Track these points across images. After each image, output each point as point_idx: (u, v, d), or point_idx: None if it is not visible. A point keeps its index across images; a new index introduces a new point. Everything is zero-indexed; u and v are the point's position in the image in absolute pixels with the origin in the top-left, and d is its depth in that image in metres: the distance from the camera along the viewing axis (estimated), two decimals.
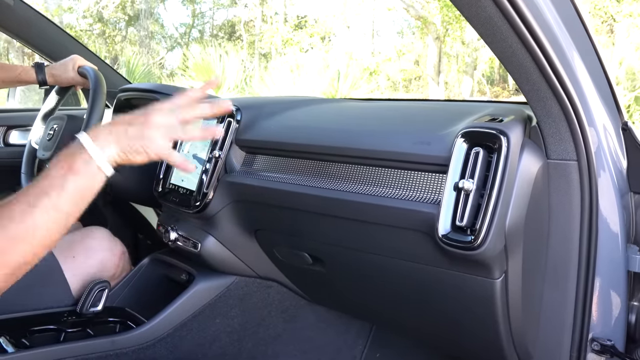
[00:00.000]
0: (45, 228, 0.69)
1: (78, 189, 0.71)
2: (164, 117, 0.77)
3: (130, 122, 0.77)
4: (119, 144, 0.75)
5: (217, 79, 1.15)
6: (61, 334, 1.16)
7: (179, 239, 1.25)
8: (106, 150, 0.74)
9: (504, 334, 0.88)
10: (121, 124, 0.77)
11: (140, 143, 0.75)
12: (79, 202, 0.72)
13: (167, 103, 0.80)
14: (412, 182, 0.86)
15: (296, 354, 1.39)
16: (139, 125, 0.76)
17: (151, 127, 0.76)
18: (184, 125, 0.78)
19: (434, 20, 11.42)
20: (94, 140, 0.73)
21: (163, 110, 0.78)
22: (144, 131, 0.76)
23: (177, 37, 16.01)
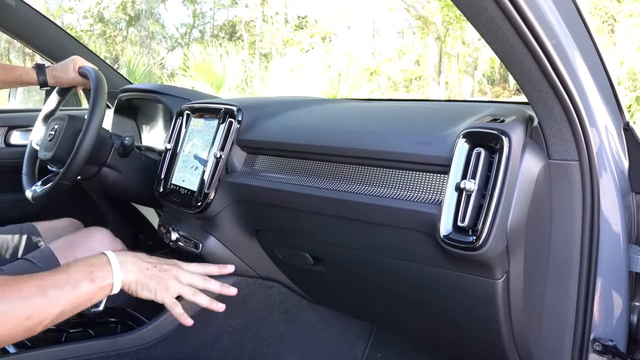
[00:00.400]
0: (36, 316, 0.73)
1: (85, 294, 0.79)
2: (184, 276, 0.92)
3: (156, 264, 0.91)
4: (138, 276, 0.86)
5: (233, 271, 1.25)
6: (62, 335, 1.16)
7: (180, 239, 1.25)
8: (125, 275, 0.84)
9: (506, 334, 0.88)
10: (148, 261, 0.90)
11: (155, 286, 0.88)
12: (77, 307, 0.79)
13: (189, 266, 0.96)
14: (414, 182, 0.86)
15: (297, 354, 1.39)
16: (162, 271, 0.90)
17: (170, 278, 0.90)
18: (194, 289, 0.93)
19: (435, 20, 11.42)
20: (120, 263, 0.84)
21: (184, 271, 0.93)
22: (162, 278, 0.89)
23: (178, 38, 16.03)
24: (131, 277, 0.86)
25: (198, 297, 0.94)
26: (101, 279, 0.81)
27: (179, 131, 1.27)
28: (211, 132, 1.17)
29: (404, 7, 11.37)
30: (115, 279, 0.83)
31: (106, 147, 1.33)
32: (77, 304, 0.78)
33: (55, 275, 0.77)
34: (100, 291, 0.82)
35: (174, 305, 0.91)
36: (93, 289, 0.80)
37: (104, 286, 0.82)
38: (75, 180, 1.25)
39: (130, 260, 0.87)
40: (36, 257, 1.18)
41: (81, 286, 0.78)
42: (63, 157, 1.26)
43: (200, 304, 0.94)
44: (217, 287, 0.97)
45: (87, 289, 0.79)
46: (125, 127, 1.81)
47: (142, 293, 0.87)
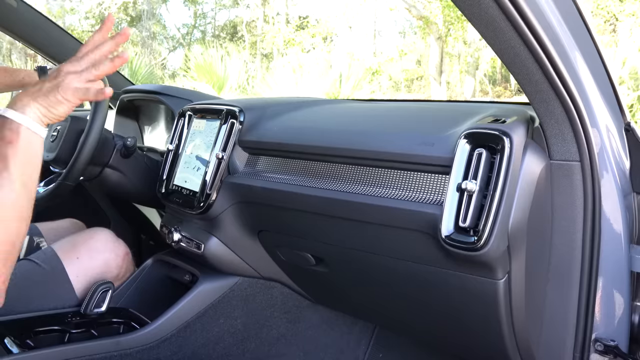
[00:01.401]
0: (9, 203, 0.72)
1: (19, 156, 0.75)
2: (72, 65, 0.82)
3: (44, 79, 0.82)
4: (37, 101, 0.79)
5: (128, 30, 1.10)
6: (65, 335, 1.16)
7: (183, 239, 1.25)
8: (27, 112, 0.78)
9: (507, 334, 0.88)
10: (35, 85, 0.82)
11: (57, 94, 0.80)
12: (27, 169, 0.76)
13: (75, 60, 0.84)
14: (415, 183, 0.86)
15: (299, 354, 1.39)
16: (52, 79, 0.81)
17: (64, 76, 0.81)
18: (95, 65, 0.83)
19: (436, 20, 11.41)
20: (13, 107, 0.78)
21: (71, 60, 0.83)
22: (58, 82, 0.80)
23: (179, 38, 16.04)
24: (34, 109, 0.79)
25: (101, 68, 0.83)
26: (13, 133, 0.76)
27: (181, 132, 1.28)
28: (213, 133, 1.17)
29: (405, 7, 11.37)
30: (23, 121, 0.77)
31: (108, 148, 1.33)
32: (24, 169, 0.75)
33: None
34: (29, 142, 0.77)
35: (86, 92, 0.82)
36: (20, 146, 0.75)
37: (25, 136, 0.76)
38: (77, 181, 1.26)
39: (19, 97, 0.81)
40: (39, 257, 1.19)
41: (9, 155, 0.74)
42: (65, 158, 1.26)
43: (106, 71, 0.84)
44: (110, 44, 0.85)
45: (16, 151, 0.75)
46: (128, 128, 1.82)
47: (57, 111, 0.80)
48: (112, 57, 0.85)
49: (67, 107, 0.81)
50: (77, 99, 0.81)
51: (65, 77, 0.81)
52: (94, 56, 0.84)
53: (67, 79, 0.81)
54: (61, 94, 0.80)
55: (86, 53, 0.84)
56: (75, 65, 0.83)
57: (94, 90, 0.83)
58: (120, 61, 0.85)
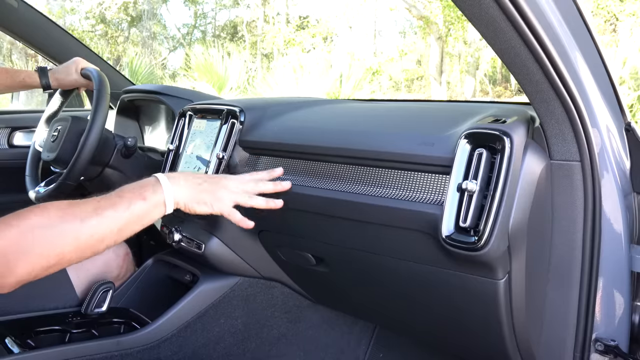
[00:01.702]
0: (97, 236, 0.75)
1: (139, 213, 0.79)
2: (235, 184, 0.91)
3: (206, 179, 0.90)
4: (190, 191, 0.86)
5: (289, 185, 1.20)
6: (66, 335, 1.17)
7: (183, 239, 1.25)
8: (176, 190, 0.84)
9: (508, 334, 0.88)
10: (198, 177, 0.89)
11: (209, 197, 0.87)
12: (133, 225, 0.80)
13: (239, 176, 0.95)
14: (416, 183, 0.86)
15: (300, 354, 1.40)
16: (213, 183, 0.89)
17: (224, 188, 0.89)
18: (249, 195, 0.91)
19: (436, 20, 11.41)
20: (169, 179, 0.84)
21: (235, 179, 0.92)
22: (216, 189, 0.88)
23: (180, 38, 16.04)
24: (183, 193, 0.85)
25: (254, 200, 0.92)
26: (152, 196, 0.81)
27: (182, 132, 1.28)
28: (214, 133, 1.17)
29: (406, 7, 11.37)
30: (167, 195, 0.83)
31: (109, 147, 1.33)
32: (132, 222, 0.79)
33: (109, 198, 0.79)
34: (155, 209, 0.82)
35: (232, 212, 0.90)
36: (146, 206, 0.80)
37: (156, 203, 0.82)
38: (78, 180, 1.26)
39: (180, 177, 0.87)
40: None
41: (134, 206, 0.79)
42: (66, 158, 1.26)
43: (257, 206, 0.92)
44: (270, 187, 0.95)
45: (141, 208, 0.80)
46: (128, 128, 1.82)
47: (198, 208, 0.86)
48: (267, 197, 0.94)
49: (206, 211, 0.87)
50: (219, 212, 0.88)
51: (223, 189, 0.89)
52: (253, 187, 0.93)
53: (223, 193, 0.88)
54: (211, 200, 0.87)
55: (248, 180, 0.93)
56: (236, 184, 0.91)
57: (239, 217, 0.91)
58: (274, 205, 0.94)
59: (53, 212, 0.72)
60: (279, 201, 0.94)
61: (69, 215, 0.73)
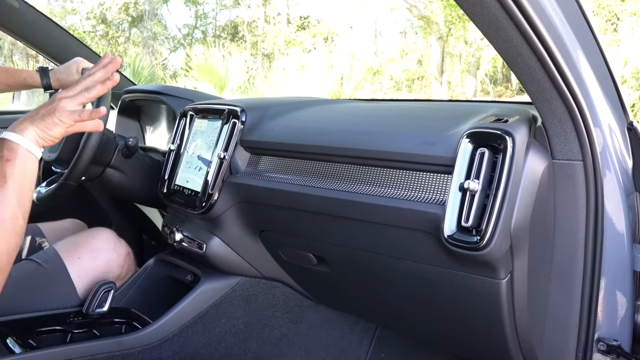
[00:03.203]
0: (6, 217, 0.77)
1: (16, 175, 0.80)
2: (66, 91, 0.90)
3: (41, 105, 0.89)
4: (34, 124, 0.85)
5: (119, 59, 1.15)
6: (68, 335, 1.17)
7: (184, 239, 1.25)
8: (25, 134, 0.84)
9: (510, 334, 0.88)
10: (33, 110, 0.89)
11: (53, 117, 0.86)
12: (22, 186, 0.81)
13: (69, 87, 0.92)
14: (418, 182, 0.86)
15: (301, 354, 1.39)
16: (48, 105, 0.88)
17: (58, 101, 0.88)
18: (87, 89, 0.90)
19: (437, 19, 11.41)
20: (12, 130, 0.84)
21: (66, 88, 0.91)
22: (53, 106, 0.87)
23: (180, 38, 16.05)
24: (32, 131, 0.85)
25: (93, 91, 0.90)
26: (11, 152, 0.82)
27: (183, 132, 1.28)
28: (215, 133, 1.17)
29: (406, 6, 11.36)
30: (21, 142, 0.83)
31: (110, 148, 1.33)
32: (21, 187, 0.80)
33: None
34: (26, 161, 0.83)
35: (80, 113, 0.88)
36: (18, 165, 0.81)
37: (22, 156, 0.82)
38: (79, 181, 1.26)
39: (18, 121, 0.87)
40: (41, 257, 1.19)
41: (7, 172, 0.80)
42: (67, 158, 1.26)
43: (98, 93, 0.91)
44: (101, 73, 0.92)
45: (14, 170, 0.80)
46: (129, 128, 1.82)
47: (53, 133, 0.86)
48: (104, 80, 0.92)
49: (62, 129, 0.87)
50: (72, 120, 0.88)
51: (59, 101, 0.88)
52: (86, 83, 0.92)
53: (62, 103, 0.88)
54: (56, 116, 0.86)
55: (80, 81, 0.92)
56: (69, 91, 0.90)
57: (87, 110, 0.89)
58: (111, 83, 0.92)
59: None
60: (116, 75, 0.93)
61: None
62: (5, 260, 0.78)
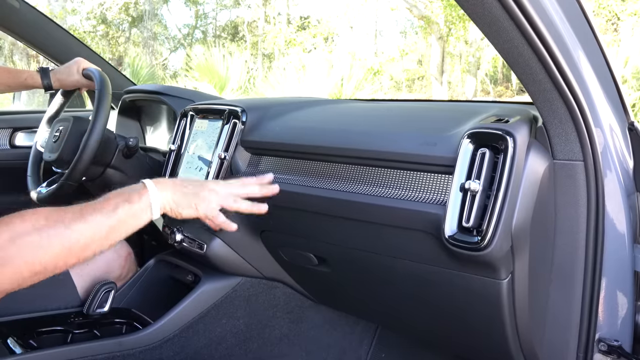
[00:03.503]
0: (83, 241, 0.74)
1: (125, 217, 0.79)
2: (220, 187, 0.91)
3: (192, 182, 0.90)
4: (175, 194, 0.85)
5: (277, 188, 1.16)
6: (68, 335, 1.17)
7: (185, 240, 1.25)
8: (162, 194, 0.84)
9: (511, 334, 0.88)
10: (183, 181, 0.89)
11: (194, 200, 0.87)
12: (119, 230, 0.79)
13: (227, 181, 0.95)
14: (418, 183, 0.86)
15: (302, 355, 1.39)
16: (198, 186, 0.89)
17: (210, 191, 0.89)
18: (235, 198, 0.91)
19: (437, 19, 11.40)
20: (156, 183, 0.84)
21: (223, 183, 0.92)
22: (200, 192, 0.88)
23: (180, 38, 16.05)
24: (168, 196, 0.85)
25: (239, 203, 0.91)
26: (138, 200, 0.81)
27: (183, 132, 1.28)
28: (215, 133, 1.17)
29: (407, 6, 11.36)
30: (153, 198, 0.82)
31: (111, 148, 1.33)
32: (119, 227, 0.78)
33: (95, 203, 0.78)
34: (141, 213, 0.81)
35: (217, 215, 0.90)
36: (133, 210, 0.80)
37: (143, 207, 0.81)
38: (80, 181, 1.26)
39: (168, 182, 0.87)
40: None
41: (120, 209, 0.78)
42: (68, 158, 1.26)
43: (242, 210, 0.92)
44: (256, 189, 0.94)
45: (127, 212, 0.79)
46: (130, 128, 1.82)
47: (184, 211, 0.86)
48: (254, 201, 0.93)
49: (191, 214, 0.88)
50: (204, 215, 0.88)
51: (208, 192, 0.88)
52: (238, 191, 0.92)
53: (209, 195, 0.88)
54: (196, 202, 0.87)
55: (234, 184, 0.93)
56: (221, 187, 0.91)
57: (222, 219, 0.90)
58: (257, 210, 0.93)
59: (37, 219, 0.71)
60: (264, 205, 0.94)
61: (54, 222, 0.72)
62: (41, 271, 0.72)
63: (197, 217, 0.88)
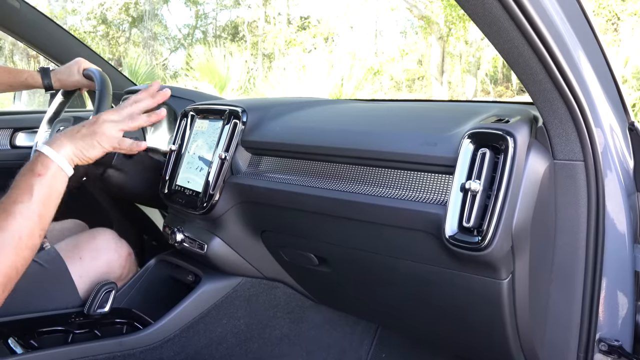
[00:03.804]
0: (25, 233, 0.76)
1: (44, 190, 0.80)
2: (111, 115, 0.90)
3: (83, 124, 0.89)
4: (73, 143, 0.85)
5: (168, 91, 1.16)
6: (69, 335, 1.17)
7: (185, 240, 1.25)
8: (62, 151, 0.84)
9: (511, 334, 0.88)
10: (74, 128, 0.88)
11: (94, 139, 0.86)
12: (47, 203, 0.80)
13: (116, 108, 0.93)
14: (419, 183, 0.86)
15: (302, 355, 1.39)
16: (91, 124, 0.88)
17: (101, 123, 0.88)
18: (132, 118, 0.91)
19: (437, 19, 11.41)
20: (49, 145, 0.84)
21: (110, 110, 0.92)
22: (95, 128, 0.87)
23: (181, 38, 16.06)
24: (68, 149, 0.85)
25: (137, 121, 0.92)
26: (45, 169, 0.81)
27: (184, 132, 1.28)
28: (216, 133, 1.17)
29: (407, 6, 11.37)
30: (56, 159, 0.82)
31: None
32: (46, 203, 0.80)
33: (9, 194, 0.79)
34: (57, 177, 0.82)
35: (122, 141, 0.90)
36: (47, 181, 0.80)
37: (53, 173, 0.82)
38: (80, 181, 1.26)
39: (57, 136, 0.87)
40: (42, 258, 1.19)
41: (35, 187, 0.79)
42: None
43: (144, 124, 0.93)
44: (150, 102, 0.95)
45: (43, 186, 0.80)
46: None
47: (89, 154, 0.87)
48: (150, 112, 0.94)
49: (99, 152, 0.88)
50: (110, 147, 0.89)
51: (102, 124, 0.88)
52: (132, 109, 0.92)
53: (104, 126, 0.88)
54: (97, 139, 0.87)
55: (125, 106, 0.92)
56: (113, 115, 0.90)
57: (129, 142, 0.91)
58: (156, 117, 0.93)
59: None
60: (162, 110, 0.95)
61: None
62: (13, 275, 0.76)
63: (105, 152, 0.88)
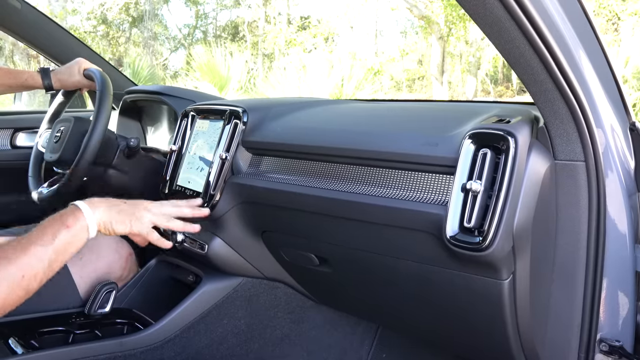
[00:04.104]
0: (29, 273, 0.78)
1: (65, 242, 0.83)
2: (154, 206, 0.96)
3: (125, 201, 0.95)
4: (109, 211, 0.90)
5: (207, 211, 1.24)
6: (70, 336, 1.17)
7: (186, 240, 1.25)
8: (96, 213, 0.88)
9: (512, 334, 0.88)
10: (117, 200, 0.94)
11: (129, 218, 0.92)
12: (62, 253, 0.83)
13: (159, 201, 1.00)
14: (420, 183, 0.86)
15: (303, 355, 1.39)
16: (133, 205, 0.94)
17: (143, 209, 0.94)
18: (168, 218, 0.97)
19: (438, 19, 11.40)
20: (88, 204, 0.88)
21: (154, 203, 0.97)
22: (136, 211, 0.93)
23: (181, 39, 16.06)
24: (103, 215, 0.89)
25: (172, 222, 0.97)
26: (74, 223, 0.84)
27: (184, 132, 1.28)
28: (216, 134, 1.17)
29: (407, 6, 11.36)
30: (88, 219, 0.86)
31: (112, 148, 1.33)
32: (60, 252, 0.82)
33: (32, 233, 0.82)
34: (78, 235, 0.85)
35: (150, 232, 0.95)
36: (71, 234, 0.84)
37: (79, 229, 0.85)
38: (81, 181, 1.26)
39: (100, 201, 0.91)
40: None
41: (59, 235, 0.82)
42: (69, 159, 1.26)
43: (174, 228, 0.98)
44: (188, 211, 1.02)
45: (65, 236, 0.83)
46: (131, 129, 1.82)
47: (117, 228, 0.90)
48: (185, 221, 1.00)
49: (126, 231, 0.92)
50: (138, 232, 0.93)
51: (142, 210, 0.94)
52: (172, 211, 0.98)
53: (143, 214, 0.94)
54: (131, 220, 0.92)
55: (167, 205, 0.99)
56: (155, 208, 0.96)
57: (156, 236, 0.96)
58: (191, 228, 1.01)
59: None
60: (197, 226, 1.01)
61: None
62: (6, 308, 0.77)
63: (128, 233, 0.93)
